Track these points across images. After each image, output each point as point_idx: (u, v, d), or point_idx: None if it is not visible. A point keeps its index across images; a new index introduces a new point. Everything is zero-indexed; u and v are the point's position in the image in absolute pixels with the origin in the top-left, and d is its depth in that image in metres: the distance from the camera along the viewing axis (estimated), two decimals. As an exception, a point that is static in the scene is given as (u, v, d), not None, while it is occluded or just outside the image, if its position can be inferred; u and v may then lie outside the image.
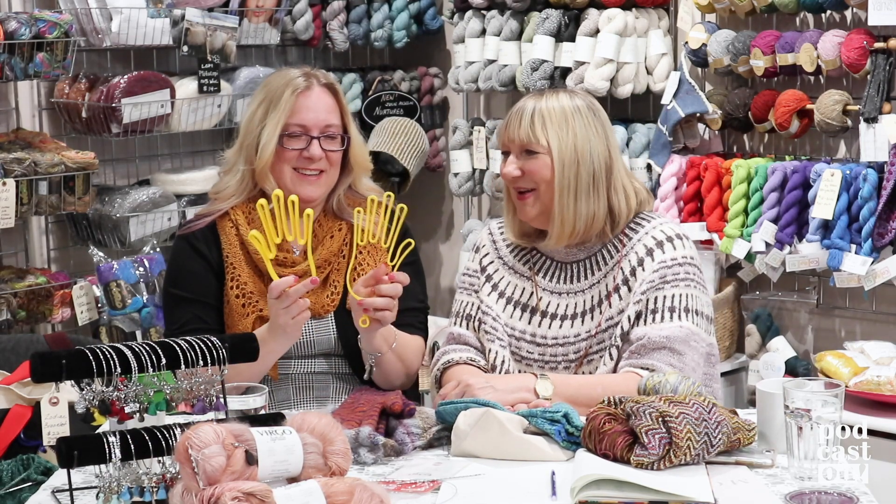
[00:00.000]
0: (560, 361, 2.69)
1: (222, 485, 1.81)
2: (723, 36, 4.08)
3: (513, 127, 2.68)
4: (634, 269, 2.64)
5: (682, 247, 2.66)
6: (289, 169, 2.77)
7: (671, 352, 2.55)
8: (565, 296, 2.72)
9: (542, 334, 2.71)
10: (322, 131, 2.78)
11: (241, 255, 2.78)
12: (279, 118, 2.76)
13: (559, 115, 2.65)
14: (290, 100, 2.76)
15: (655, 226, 2.69)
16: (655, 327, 2.57)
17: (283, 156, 2.77)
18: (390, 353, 2.71)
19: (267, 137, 2.75)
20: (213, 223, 2.82)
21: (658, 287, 2.60)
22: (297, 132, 2.77)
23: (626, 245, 2.68)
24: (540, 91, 2.73)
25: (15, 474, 2.93)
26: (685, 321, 2.58)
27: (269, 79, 2.88)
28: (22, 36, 3.74)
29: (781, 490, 2.08)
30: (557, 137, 2.63)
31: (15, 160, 3.80)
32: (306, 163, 2.77)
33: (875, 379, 3.53)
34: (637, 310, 2.60)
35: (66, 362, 1.97)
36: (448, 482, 2.14)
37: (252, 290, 2.76)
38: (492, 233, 2.86)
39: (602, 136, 2.67)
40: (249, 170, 2.80)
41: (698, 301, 2.62)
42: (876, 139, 3.73)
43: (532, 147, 2.65)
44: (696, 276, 2.65)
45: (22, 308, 3.91)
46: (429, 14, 5.03)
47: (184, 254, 2.82)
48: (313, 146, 2.77)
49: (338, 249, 2.82)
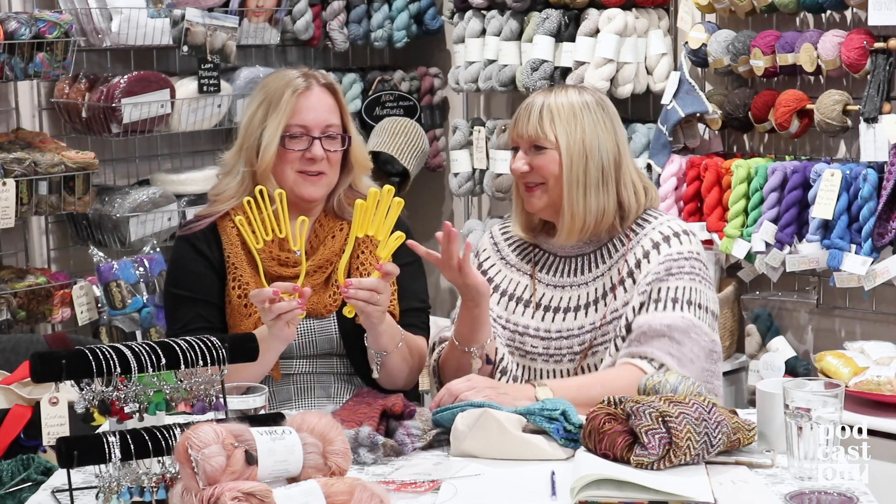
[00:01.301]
0: (565, 354, 2.69)
1: (222, 485, 1.81)
2: (723, 36, 4.08)
3: (521, 122, 2.68)
4: (640, 262, 2.65)
5: (690, 242, 2.67)
6: (291, 170, 2.77)
7: (670, 340, 2.55)
8: (569, 289, 2.72)
9: (546, 328, 2.72)
10: (323, 131, 2.78)
11: (243, 254, 2.77)
12: (280, 119, 2.75)
13: (567, 110, 2.65)
14: (290, 101, 2.76)
15: (663, 222, 2.70)
16: (657, 315, 2.58)
17: (285, 157, 2.76)
18: (396, 352, 2.71)
19: (268, 139, 2.75)
20: (214, 224, 2.82)
21: (662, 279, 2.61)
22: (298, 133, 2.77)
23: (631, 239, 2.69)
24: (549, 87, 2.74)
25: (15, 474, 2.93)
26: (687, 313, 2.59)
27: (266, 80, 2.87)
28: (22, 36, 3.74)
29: (781, 490, 2.08)
30: (566, 132, 2.64)
31: (15, 160, 3.80)
32: (309, 164, 2.77)
33: (875, 379, 3.53)
34: (641, 300, 2.61)
35: (66, 362, 1.97)
36: (448, 482, 2.14)
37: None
38: (493, 235, 2.88)
39: (611, 131, 2.68)
40: (250, 171, 2.79)
41: (702, 295, 2.63)
42: (876, 139, 3.73)
43: (540, 142, 2.66)
44: (702, 272, 2.66)
45: (22, 308, 3.91)
46: (429, 14, 5.03)
47: (185, 254, 2.82)
48: (315, 146, 2.77)
49: (339, 249, 2.81)
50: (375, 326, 2.64)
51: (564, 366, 2.68)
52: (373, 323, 2.62)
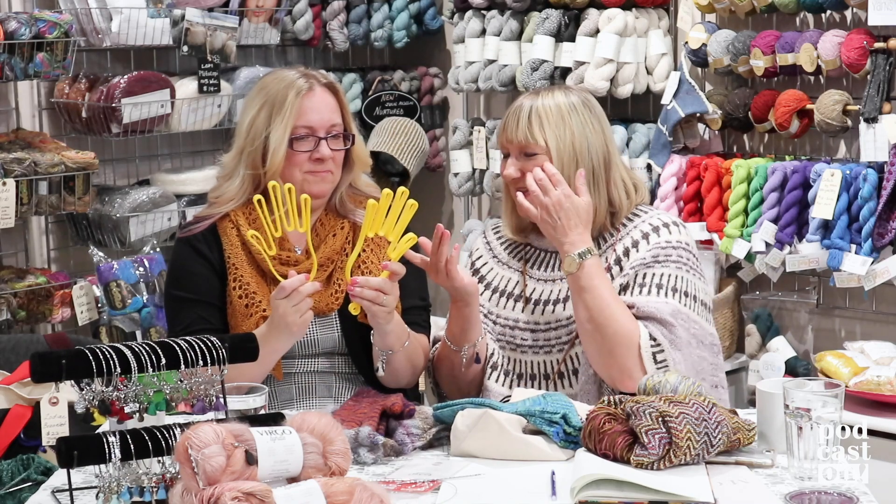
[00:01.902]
0: (553, 345, 2.73)
1: (222, 485, 1.81)
2: (723, 36, 4.08)
3: (510, 128, 2.70)
4: (628, 251, 2.67)
5: (679, 232, 2.69)
6: (299, 171, 2.76)
7: (661, 323, 2.57)
8: (559, 282, 2.75)
9: (536, 321, 2.75)
10: (328, 131, 2.78)
11: (243, 255, 2.77)
12: (286, 122, 2.73)
13: (555, 113, 2.67)
14: (294, 102, 2.74)
15: (653, 215, 2.73)
16: (640, 299, 2.61)
17: (292, 159, 2.75)
18: (402, 351, 2.71)
19: (276, 142, 2.73)
20: (214, 225, 2.82)
21: (649, 265, 2.63)
22: (304, 134, 2.76)
23: (620, 231, 2.72)
24: (536, 90, 2.74)
25: (15, 474, 2.93)
26: (671, 299, 2.60)
27: (264, 81, 2.85)
28: (22, 36, 3.74)
29: (781, 490, 2.08)
30: (555, 137, 2.66)
31: (15, 160, 3.80)
32: (317, 164, 2.76)
33: (875, 379, 3.53)
34: (623, 282, 2.63)
35: (66, 362, 1.96)
36: (448, 482, 2.14)
37: (255, 291, 2.75)
38: (486, 235, 2.92)
39: (599, 131, 2.69)
40: (252, 174, 2.78)
41: (690, 284, 2.63)
42: (876, 139, 3.73)
43: (530, 149, 2.67)
44: (690, 262, 2.67)
45: (22, 308, 3.91)
46: (429, 14, 5.03)
47: (185, 256, 2.82)
48: (322, 147, 2.76)
49: (340, 247, 2.82)
50: (382, 326, 2.64)
51: (553, 356, 2.72)
52: (379, 322, 2.63)
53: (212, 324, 2.75)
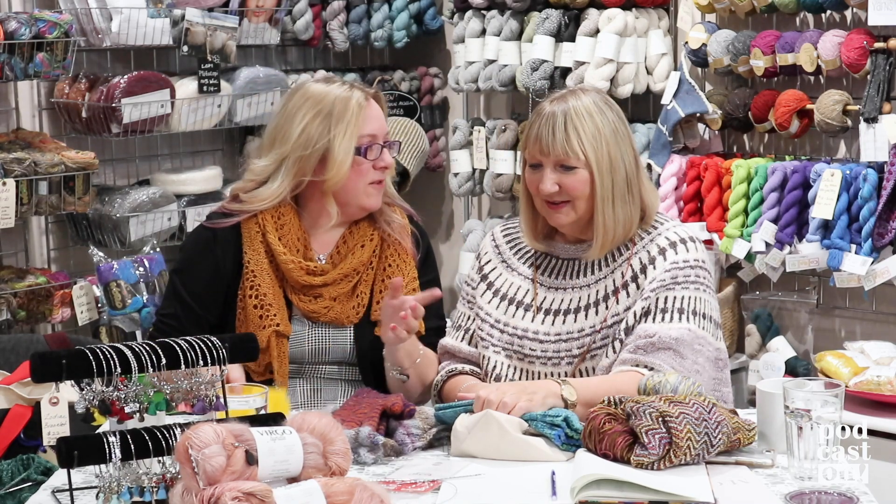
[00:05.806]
0: (563, 357, 2.66)
1: (222, 485, 1.81)
2: (723, 36, 4.08)
3: (546, 140, 2.60)
4: (645, 268, 2.63)
5: (696, 250, 2.65)
6: (363, 182, 2.76)
7: (675, 354, 2.54)
8: (570, 290, 2.69)
9: (546, 331, 2.68)
10: (384, 139, 2.79)
11: (265, 263, 2.75)
12: (351, 130, 2.72)
13: (589, 122, 2.59)
14: (357, 112, 2.74)
15: (669, 227, 2.67)
16: (665, 326, 2.56)
17: (359, 168, 2.75)
18: (412, 369, 2.70)
19: (343, 151, 2.71)
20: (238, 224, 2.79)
21: (669, 287, 2.59)
22: (369, 143, 2.76)
23: (636, 244, 2.67)
24: (560, 96, 2.65)
25: (15, 474, 2.93)
26: (692, 324, 2.57)
27: (310, 91, 2.78)
28: (22, 36, 3.74)
29: (781, 490, 2.08)
30: (593, 149, 2.58)
31: (15, 160, 3.80)
32: (381, 173, 2.78)
33: (875, 379, 3.53)
34: (645, 306, 2.59)
35: (66, 362, 1.97)
36: (448, 482, 2.14)
37: (271, 303, 2.73)
38: (494, 237, 2.84)
39: (626, 135, 2.64)
40: (295, 181, 2.75)
41: (707, 305, 2.62)
42: (876, 139, 3.73)
43: (570, 162, 2.59)
44: (707, 280, 2.64)
45: (22, 308, 3.91)
46: (429, 14, 5.03)
47: (199, 247, 2.80)
48: (385, 154, 2.78)
49: (367, 260, 2.81)
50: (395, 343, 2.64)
51: (562, 368, 2.66)
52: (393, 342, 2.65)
53: (184, 326, 2.71)
